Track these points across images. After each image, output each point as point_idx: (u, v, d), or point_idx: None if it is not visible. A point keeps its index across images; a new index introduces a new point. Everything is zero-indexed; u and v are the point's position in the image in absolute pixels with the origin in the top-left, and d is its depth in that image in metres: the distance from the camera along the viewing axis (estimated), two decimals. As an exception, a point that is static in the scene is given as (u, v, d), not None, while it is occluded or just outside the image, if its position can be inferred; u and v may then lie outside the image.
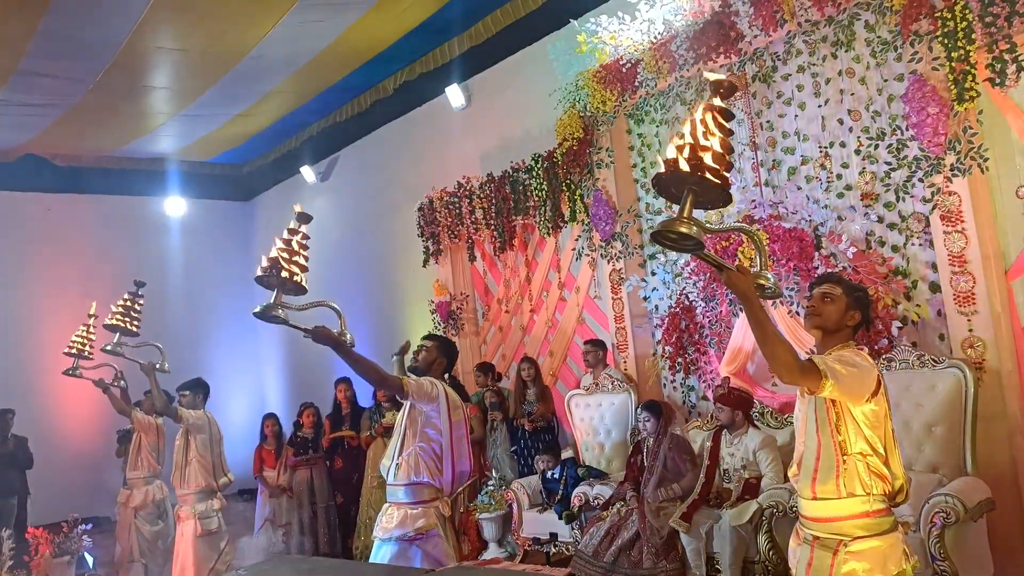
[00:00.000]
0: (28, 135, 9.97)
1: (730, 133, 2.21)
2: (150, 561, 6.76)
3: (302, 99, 9.88)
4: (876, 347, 5.07)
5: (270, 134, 11.11)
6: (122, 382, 6.83)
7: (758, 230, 2.37)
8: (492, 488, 6.72)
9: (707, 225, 2.21)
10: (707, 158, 2.11)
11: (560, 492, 6.24)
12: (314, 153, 11.23)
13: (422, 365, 4.14)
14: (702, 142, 2.13)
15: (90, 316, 6.52)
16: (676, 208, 2.23)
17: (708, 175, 2.10)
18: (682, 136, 2.19)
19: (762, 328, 2.48)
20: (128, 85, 8.74)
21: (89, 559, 6.70)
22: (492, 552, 6.54)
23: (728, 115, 2.22)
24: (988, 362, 4.74)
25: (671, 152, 2.17)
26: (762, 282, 2.53)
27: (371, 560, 3.95)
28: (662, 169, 2.18)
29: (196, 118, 10.04)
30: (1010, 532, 4.60)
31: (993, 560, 4.43)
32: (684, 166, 2.09)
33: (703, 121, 2.19)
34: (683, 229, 2.12)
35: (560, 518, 6.06)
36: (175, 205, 12.12)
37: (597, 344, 6.96)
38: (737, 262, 2.53)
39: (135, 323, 6.08)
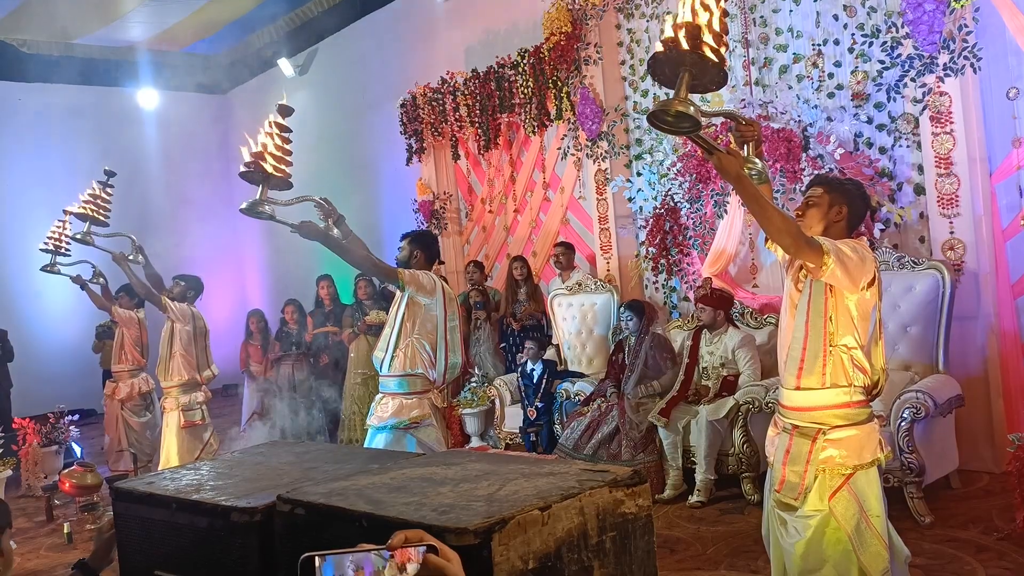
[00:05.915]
0: (-8, 18, 9.56)
1: (726, 13, 2.17)
2: (139, 451, 6.89)
3: (278, -15, 9.51)
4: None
5: (245, 24, 10.68)
6: (101, 279, 6.76)
7: (748, 121, 2.33)
8: (475, 385, 6.85)
9: (703, 108, 2.18)
10: (704, 36, 2.07)
11: (539, 394, 6.30)
12: (292, 45, 10.85)
13: (401, 263, 4.15)
14: (699, 20, 2.09)
15: (65, 212, 6.40)
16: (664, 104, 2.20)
17: (707, 52, 2.07)
18: (685, 14, 2.14)
19: (758, 204, 2.47)
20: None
21: (77, 449, 6.82)
22: (475, 445, 6.71)
23: None
24: (967, 264, 4.81)
25: (669, 31, 2.12)
26: (749, 166, 2.52)
27: (366, 446, 4.04)
28: (660, 50, 2.13)
29: (166, 4, 9.62)
30: (976, 427, 4.78)
31: (959, 453, 4.62)
32: (684, 44, 2.05)
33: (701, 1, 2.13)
34: (680, 108, 2.10)
35: (525, 420, 6.20)
36: (148, 97, 11.74)
37: (568, 247, 7.10)
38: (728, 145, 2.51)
39: (103, 212, 5.95)
